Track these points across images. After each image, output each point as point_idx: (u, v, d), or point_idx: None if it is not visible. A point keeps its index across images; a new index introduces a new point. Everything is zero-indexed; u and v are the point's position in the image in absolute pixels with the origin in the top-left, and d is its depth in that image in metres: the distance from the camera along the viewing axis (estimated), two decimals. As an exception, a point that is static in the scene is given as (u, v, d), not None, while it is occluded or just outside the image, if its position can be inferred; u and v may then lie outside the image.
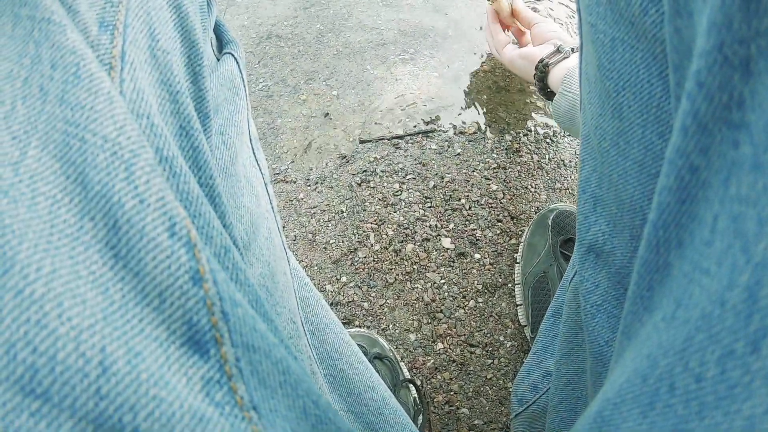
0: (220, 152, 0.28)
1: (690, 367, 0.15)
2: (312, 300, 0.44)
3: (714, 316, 0.15)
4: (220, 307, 0.18)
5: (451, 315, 0.78)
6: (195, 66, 0.25)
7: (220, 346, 0.18)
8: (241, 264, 0.21)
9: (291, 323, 0.33)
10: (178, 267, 0.17)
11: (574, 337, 0.45)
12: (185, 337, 0.17)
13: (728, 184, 0.16)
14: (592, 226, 0.33)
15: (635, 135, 0.27)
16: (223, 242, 0.20)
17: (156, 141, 0.19)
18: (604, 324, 0.33)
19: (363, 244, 0.84)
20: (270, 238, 0.33)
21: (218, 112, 0.29)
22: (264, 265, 0.31)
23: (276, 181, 0.92)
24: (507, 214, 0.85)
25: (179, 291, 0.17)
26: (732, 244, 0.15)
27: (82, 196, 0.17)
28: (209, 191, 0.23)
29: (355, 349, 0.48)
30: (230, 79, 0.31)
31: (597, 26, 0.29)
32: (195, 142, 0.22)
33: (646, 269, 0.21)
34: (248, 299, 0.21)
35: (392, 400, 0.50)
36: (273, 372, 0.19)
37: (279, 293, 0.32)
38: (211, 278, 0.18)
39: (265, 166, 0.35)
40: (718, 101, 0.17)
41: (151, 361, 0.16)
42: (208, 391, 0.17)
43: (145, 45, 0.22)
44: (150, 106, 0.20)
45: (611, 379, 0.20)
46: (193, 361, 0.17)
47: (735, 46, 0.16)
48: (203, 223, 0.20)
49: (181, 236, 0.18)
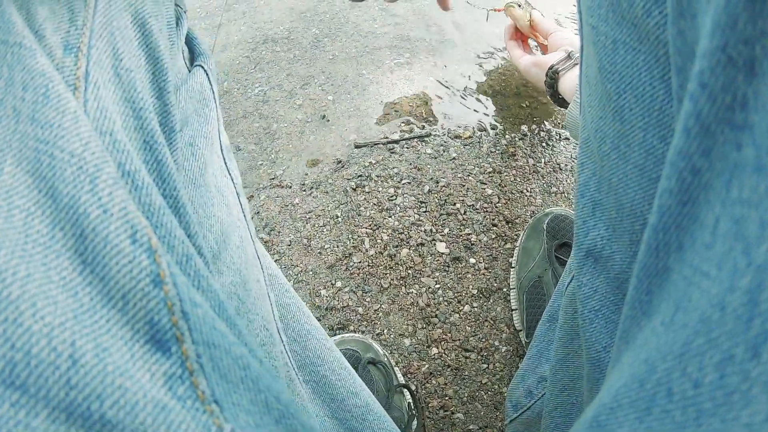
0: (189, 163, 0.29)
1: (688, 372, 0.15)
2: (293, 307, 0.44)
3: (713, 320, 0.15)
4: (180, 308, 0.19)
5: (446, 320, 0.78)
6: (160, 82, 0.26)
7: (181, 343, 0.19)
8: (203, 271, 0.22)
9: (264, 330, 0.33)
10: (140, 271, 0.19)
11: (569, 342, 0.44)
12: (148, 336, 0.19)
13: (730, 186, 0.16)
14: (591, 231, 0.33)
15: (636, 138, 0.27)
16: (185, 250, 0.22)
17: (119, 156, 0.21)
18: (602, 330, 0.33)
19: (358, 249, 0.84)
20: (242, 246, 0.33)
21: (188, 124, 0.30)
22: (235, 273, 0.31)
23: (271, 186, 0.92)
24: (502, 218, 0.85)
25: (141, 293, 0.18)
26: (733, 247, 0.15)
27: (52, 208, 0.19)
28: (173, 202, 0.24)
29: (337, 355, 0.48)
30: (200, 91, 0.32)
31: (598, 28, 0.28)
32: (158, 155, 0.24)
33: (645, 273, 0.21)
34: (211, 304, 0.22)
35: (376, 407, 0.50)
36: (234, 368, 0.20)
37: (251, 300, 0.33)
38: (171, 281, 0.19)
39: (237, 176, 0.35)
40: (721, 102, 0.16)
41: (117, 357, 0.17)
42: (171, 385, 0.18)
43: (108, 64, 0.23)
44: (113, 123, 0.22)
45: (608, 384, 0.20)
46: (156, 358, 0.18)
47: (739, 47, 0.15)
48: (165, 232, 0.21)
49: (143, 243, 0.19)
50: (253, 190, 0.92)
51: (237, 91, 1.06)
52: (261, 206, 0.90)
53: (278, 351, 0.36)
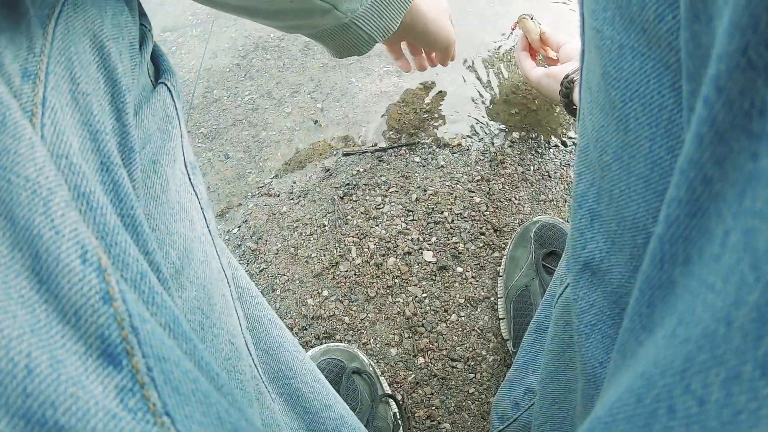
0: (151, 180, 0.30)
1: (692, 389, 0.14)
2: (265, 319, 0.44)
3: (719, 336, 0.14)
4: (130, 323, 0.20)
5: (433, 329, 0.77)
6: (118, 103, 0.27)
7: (131, 357, 0.20)
8: (157, 288, 0.23)
9: (229, 344, 0.33)
10: (90, 288, 0.19)
11: (561, 355, 0.44)
12: (100, 350, 0.19)
13: (743, 197, 0.15)
14: (589, 243, 0.32)
15: (642, 149, 0.26)
16: (139, 268, 0.23)
17: (74, 178, 0.22)
18: (599, 345, 0.32)
19: (344, 257, 0.83)
20: (206, 261, 0.34)
21: (151, 141, 0.31)
22: (199, 288, 0.32)
23: (259, 195, 0.91)
24: (490, 226, 0.85)
25: (92, 309, 0.19)
26: (741, 259, 0.14)
27: (11, 231, 0.20)
28: (130, 221, 0.25)
29: (310, 368, 0.48)
30: (163, 108, 0.33)
31: (603, 32, 0.27)
32: (115, 176, 0.25)
33: (647, 285, 0.20)
34: (165, 320, 0.23)
35: (351, 419, 0.50)
36: (185, 380, 0.21)
37: (216, 315, 0.33)
38: (120, 298, 0.20)
39: (202, 191, 0.36)
40: (738, 108, 0.15)
41: (71, 369, 0.18)
42: (122, 398, 0.19)
43: (66, 89, 0.24)
44: (69, 146, 0.23)
45: (603, 399, 0.20)
46: (107, 372, 0.19)
47: (761, 49, 0.15)
48: (119, 251, 0.22)
49: (92, 262, 0.20)
50: (241, 199, 0.92)
51: (227, 99, 1.06)
52: (249, 214, 0.89)
53: (245, 365, 0.35)
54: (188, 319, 0.30)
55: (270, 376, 0.44)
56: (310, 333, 0.78)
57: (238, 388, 0.33)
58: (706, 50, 0.19)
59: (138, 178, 0.28)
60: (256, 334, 0.43)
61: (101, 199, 0.22)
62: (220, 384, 0.25)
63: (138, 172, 0.28)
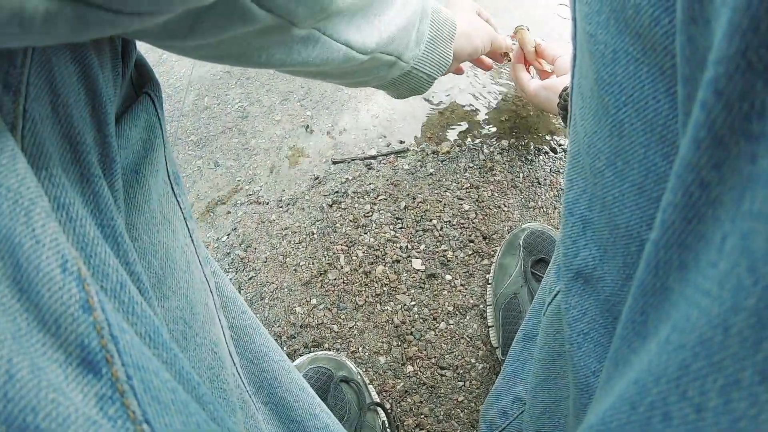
0: (134, 190, 0.30)
1: (689, 396, 0.14)
2: (249, 328, 0.44)
3: (716, 342, 0.14)
4: (109, 331, 0.20)
5: (422, 337, 0.77)
6: (99, 114, 0.28)
7: (110, 365, 0.20)
8: (137, 297, 0.24)
9: (212, 354, 0.34)
10: (70, 297, 0.20)
11: (551, 363, 0.43)
12: (80, 359, 0.20)
13: (742, 201, 0.15)
14: (581, 251, 0.31)
15: (636, 155, 0.25)
16: (119, 278, 0.23)
17: (53, 190, 0.23)
18: (591, 354, 0.31)
19: (333, 266, 0.83)
20: (189, 270, 0.34)
21: (133, 151, 0.31)
22: (181, 297, 0.32)
23: (249, 203, 0.91)
24: (479, 234, 0.85)
25: (71, 318, 0.20)
26: (737, 263, 0.14)
27: None
28: (111, 231, 0.25)
29: (295, 377, 0.48)
30: (145, 118, 0.33)
31: (596, 36, 0.27)
32: (95, 187, 0.25)
33: (641, 292, 0.20)
34: (146, 329, 0.23)
35: (337, 428, 0.50)
36: (164, 390, 0.21)
37: (198, 324, 0.33)
38: (99, 307, 0.20)
39: (185, 201, 0.36)
40: (737, 111, 0.15)
41: (52, 376, 0.19)
42: (102, 406, 0.19)
43: (47, 101, 0.25)
44: (49, 158, 0.23)
45: (596, 407, 0.19)
46: (87, 380, 0.20)
47: (761, 51, 0.14)
48: (99, 261, 0.23)
49: (72, 272, 0.20)
50: (230, 206, 0.91)
51: (217, 107, 1.06)
52: (238, 222, 0.89)
53: (228, 374, 0.35)
54: (170, 328, 0.31)
55: (255, 385, 0.44)
56: (298, 341, 0.78)
57: (221, 397, 0.33)
58: (703, 53, 0.18)
59: (119, 188, 0.28)
60: (241, 343, 0.43)
61: (81, 211, 0.23)
62: (200, 393, 0.25)
63: (119, 182, 0.28)
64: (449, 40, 0.70)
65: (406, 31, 0.57)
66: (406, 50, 0.60)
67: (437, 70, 0.71)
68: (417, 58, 0.65)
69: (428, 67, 0.69)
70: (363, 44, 0.48)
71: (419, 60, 0.66)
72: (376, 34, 0.50)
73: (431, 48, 0.67)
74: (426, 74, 0.69)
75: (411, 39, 0.60)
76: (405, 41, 0.58)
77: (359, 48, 0.48)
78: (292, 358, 0.77)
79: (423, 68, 0.68)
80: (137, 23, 0.23)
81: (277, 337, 0.79)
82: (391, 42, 0.54)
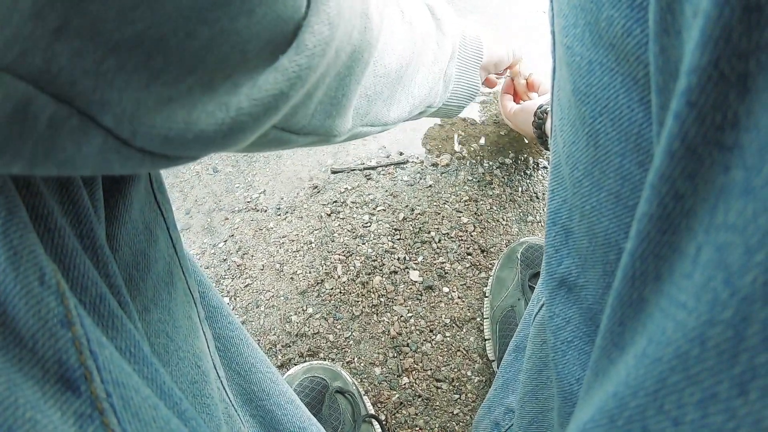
0: (114, 199, 0.30)
1: (666, 409, 0.14)
2: (236, 339, 0.43)
3: (692, 356, 0.14)
4: (88, 347, 0.20)
5: (418, 349, 0.77)
6: None
7: (89, 382, 0.20)
8: (117, 311, 0.23)
9: (195, 368, 0.33)
10: (48, 311, 0.19)
11: (538, 374, 0.43)
12: (57, 376, 0.19)
13: (715, 212, 0.15)
14: (564, 260, 0.31)
15: (612, 164, 0.25)
16: (98, 291, 0.23)
17: (31, 199, 0.22)
18: (575, 362, 0.32)
19: (330, 275, 0.83)
20: (171, 282, 0.33)
21: None
22: (162, 309, 0.32)
23: (247, 210, 0.91)
24: (477, 247, 0.85)
25: (49, 333, 0.19)
26: (713, 276, 0.14)
27: None
28: (90, 243, 0.25)
29: (284, 389, 0.48)
30: None
31: (573, 48, 0.27)
32: (75, 197, 0.25)
33: (619, 303, 0.20)
34: (126, 344, 0.23)
35: None
36: (144, 407, 0.21)
37: (181, 338, 0.33)
38: (78, 321, 0.20)
39: (168, 210, 0.35)
40: (710, 122, 0.15)
41: (29, 393, 0.18)
42: (81, 424, 0.19)
43: None
44: None
45: (577, 417, 0.19)
46: (66, 397, 0.19)
47: (733, 61, 0.14)
48: (78, 274, 0.22)
49: (50, 285, 0.20)
50: (228, 213, 0.91)
51: (217, 114, 1.06)
52: (236, 229, 0.89)
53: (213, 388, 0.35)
54: (152, 342, 0.30)
55: (242, 398, 0.43)
56: (293, 350, 0.77)
57: (205, 412, 0.33)
58: (675, 64, 0.18)
59: (99, 197, 0.28)
60: (228, 355, 0.42)
61: (59, 221, 0.22)
62: (182, 409, 0.25)
63: (99, 192, 0.27)
64: (476, 65, 0.67)
65: (433, 89, 0.56)
66: (435, 99, 0.59)
67: (466, 100, 0.69)
68: (444, 99, 0.64)
69: (457, 100, 0.67)
70: (397, 118, 0.49)
71: (448, 98, 0.65)
72: (407, 109, 0.50)
73: (459, 82, 0.65)
74: (456, 106, 0.68)
75: (439, 89, 0.59)
76: (434, 95, 0.58)
77: (393, 122, 0.48)
78: (287, 367, 0.76)
79: (452, 102, 0.67)
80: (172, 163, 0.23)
81: (272, 345, 0.78)
82: (421, 104, 0.54)
